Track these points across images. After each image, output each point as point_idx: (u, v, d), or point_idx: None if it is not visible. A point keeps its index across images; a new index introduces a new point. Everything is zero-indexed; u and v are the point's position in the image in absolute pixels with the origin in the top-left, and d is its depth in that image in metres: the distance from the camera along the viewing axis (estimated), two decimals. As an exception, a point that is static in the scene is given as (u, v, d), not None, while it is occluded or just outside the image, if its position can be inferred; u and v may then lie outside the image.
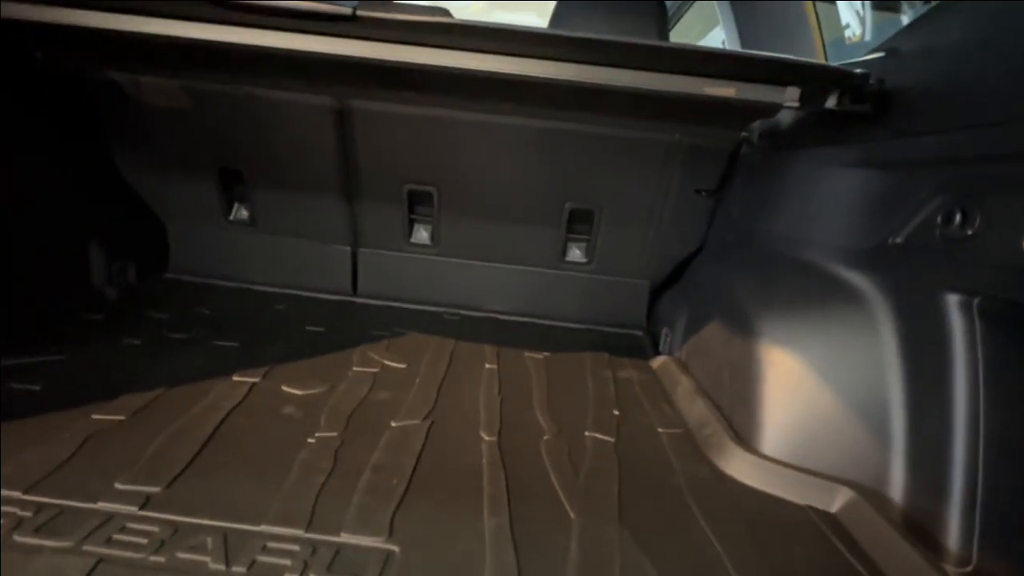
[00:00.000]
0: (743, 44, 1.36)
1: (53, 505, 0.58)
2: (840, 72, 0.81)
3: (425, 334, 1.26)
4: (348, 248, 1.43)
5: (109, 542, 0.54)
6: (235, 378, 0.93)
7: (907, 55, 0.76)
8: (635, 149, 1.17)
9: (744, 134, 1.16)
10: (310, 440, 0.77)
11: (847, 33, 1.43)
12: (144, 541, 0.54)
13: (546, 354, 1.22)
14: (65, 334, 1.03)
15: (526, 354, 1.21)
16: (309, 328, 1.22)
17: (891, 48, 0.79)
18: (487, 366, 1.11)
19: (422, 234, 1.41)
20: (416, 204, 1.37)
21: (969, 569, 0.60)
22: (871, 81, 0.77)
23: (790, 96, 0.84)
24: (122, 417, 0.77)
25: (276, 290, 1.42)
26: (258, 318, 1.25)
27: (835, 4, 1.39)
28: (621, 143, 1.16)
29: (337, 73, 1.05)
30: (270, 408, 0.85)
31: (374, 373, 1.02)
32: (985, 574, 0.59)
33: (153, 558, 0.53)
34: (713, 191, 1.29)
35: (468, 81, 0.94)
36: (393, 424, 0.84)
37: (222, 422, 0.78)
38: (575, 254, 1.42)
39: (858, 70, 0.77)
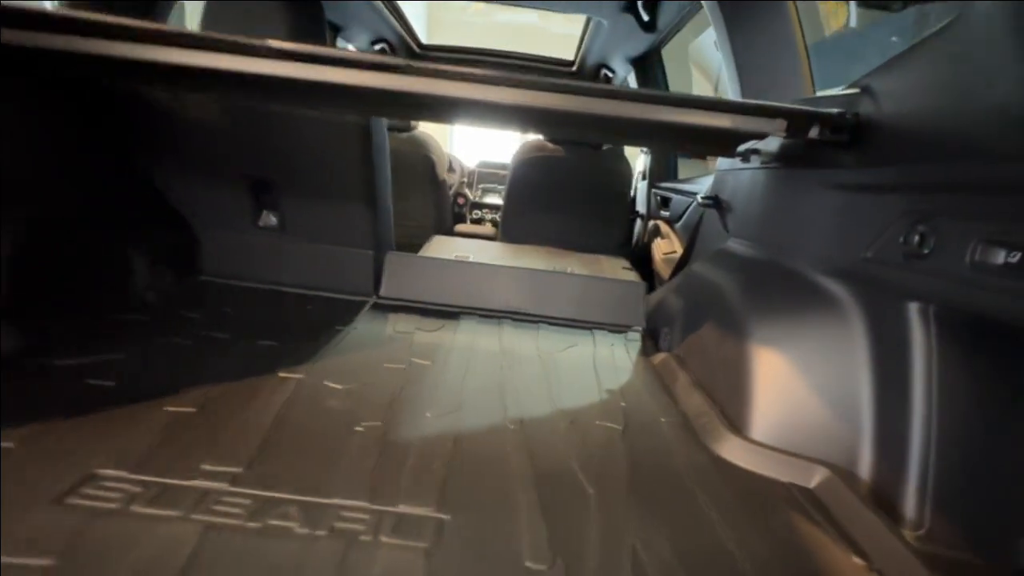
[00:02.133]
0: (732, 48, 1.44)
1: (156, 483, 0.68)
2: (822, 113, 0.92)
3: (444, 332, 1.37)
4: (371, 252, 1.53)
5: (211, 512, 0.64)
6: (281, 374, 1.04)
7: (879, 93, 0.87)
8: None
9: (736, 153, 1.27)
10: (357, 428, 0.88)
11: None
12: (239, 511, 0.65)
13: (555, 351, 1.33)
14: (117, 335, 1.13)
15: (538, 351, 1.32)
16: (338, 327, 1.32)
17: (866, 85, 0.90)
18: (503, 362, 1.23)
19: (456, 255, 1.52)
20: None
21: (922, 532, 0.73)
22: (848, 115, 0.89)
23: (778, 126, 0.95)
24: (192, 409, 0.87)
25: (303, 291, 1.53)
26: (290, 319, 1.36)
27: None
28: None
29: (370, 99, 1.15)
30: (317, 401, 0.96)
31: (403, 369, 1.13)
32: (935, 535, 0.71)
33: (250, 524, 0.63)
34: (711, 200, 1.40)
35: (501, 109, 1.04)
36: (428, 415, 0.95)
37: (279, 413, 0.89)
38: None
39: (835, 110, 0.89)
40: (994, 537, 0.69)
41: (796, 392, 0.91)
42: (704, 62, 2.97)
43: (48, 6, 1.27)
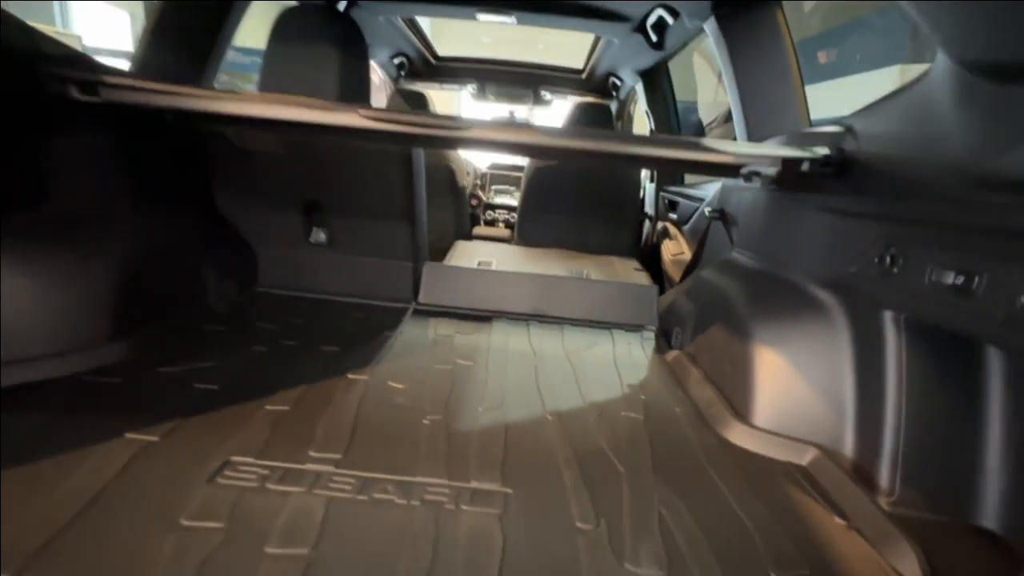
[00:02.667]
0: (735, 73, 1.59)
1: (279, 467, 0.86)
2: (811, 157, 1.09)
3: (480, 335, 1.54)
4: (410, 263, 1.70)
5: (328, 488, 0.82)
6: (349, 376, 1.21)
7: (860, 134, 1.03)
8: None
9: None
10: (424, 421, 1.05)
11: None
12: (348, 488, 0.83)
13: (580, 350, 1.50)
14: (205, 345, 1.30)
15: (564, 350, 1.49)
16: (387, 333, 1.50)
17: (849, 125, 1.06)
18: (536, 362, 1.40)
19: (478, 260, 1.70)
20: None
21: (894, 498, 0.89)
22: (833, 155, 1.04)
23: (775, 161, 1.11)
24: (287, 407, 1.05)
25: (350, 300, 1.70)
26: (344, 325, 1.53)
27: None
28: None
29: (416, 139, 1.31)
30: (386, 399, 1.13)
31: (451, 369, 1.30)
32: (904, 500, 0.88)
33: (360, 497, 0.81)
34: (717, 212, 1.56)
35: (533, 149, 1.21)
36: (479, 409, 1.12)
37: (358, 410, 1.07)
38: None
39: (823, 152, 1.05)
40: (951, 500, 0.86)
41: (791, 385, 1.07)
42: (707, 50, 3.10)
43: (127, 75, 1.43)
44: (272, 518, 0.74)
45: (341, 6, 1.99)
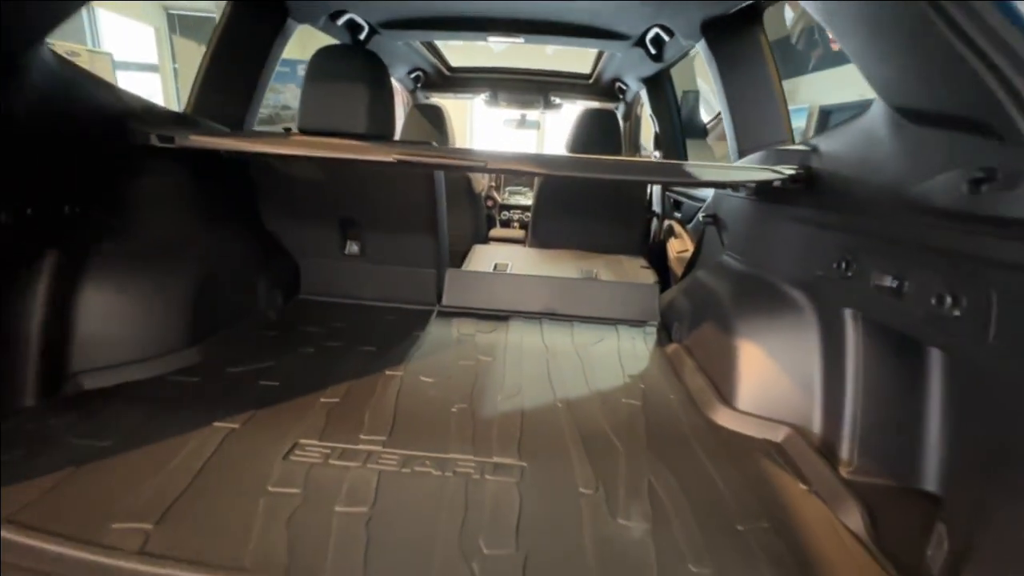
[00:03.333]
0: (724, 87, 1.72)
1: (337, 447, 1.06)
2: (781, 176, 1.24)
3: (498, 334, 1.73)
4: (434, 271, 1.89)
5: (378, 463, 1.01)
6: (387, 372, 1.41)
7: (822, 154, 1.17)
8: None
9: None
10: (452, 410, 1.24)
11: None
12: (394, 462, 1.02)
13: (588, 345, 1.68)
14: (263, 348, 1.52)
15: (574, 345, 1.67)
16: (416, 333, 1.69)
17: (815, 146, 1.20)
18: (548, 357, 1.58)
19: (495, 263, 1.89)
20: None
21: (852, 468, 1.05)
22: (801, 169, 1.19)
23: (752, 178, 1.26)
24: (337, 399, 1.25)
25: (381, 304, 1.90)
26: (378, 327, 1.73)
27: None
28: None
29: (439, 165, 1.50)
30: (418, 392, 1.33)
31: (473, 365, 1.49)
32: (861, 469, 1.04)
33: (404, 470, 1.00)
34: (711, 217, 1.72)
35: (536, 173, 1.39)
36: (499, 398, 1.31)
37: (397, 401, 1.26)
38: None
39: (789, 171, 1.20)
40: (899, 468, 1.02)
41: (769, 373, 1.23)
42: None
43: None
44: (337, 485, 0.94)
45: (363, 35, 2.18)
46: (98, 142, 1.25)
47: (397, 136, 1.86)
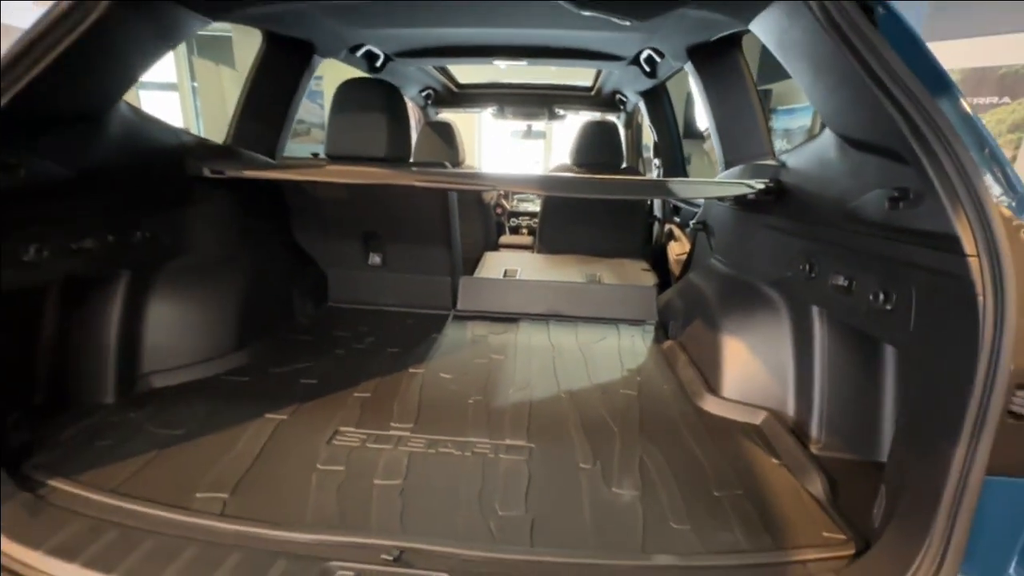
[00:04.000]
0: (710, 105, 1.87)
1: (371, 433, 1.24)
2: (756, 189, 1.40)
3: (509, 335, 1.90)
4: (449, 278, 2.07)
5: (407, 446, 1.19)
6: (410, 370, 1.59)
7: (789, 169, 1.33)
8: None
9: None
10: (469, 401, 1.41)
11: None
12: (421, 444, 1.20)
13: (591, 343, 1.84)
14: (300, 350, 1.70)
15: (578, 344, 1.83)
16: (434, 335, 1.87)
17: (783, 161, 1.36)
18: (554, 355, 1.74)
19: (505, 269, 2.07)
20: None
21: (820, 444, 1.20)
22: (771, 186, 1.35)
23: (731, 192, 1.42)
24: (368, 394, 1.43)
25: (401, 309, 2.09)
26: (400, 330, 1.91)
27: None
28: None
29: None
30: (439, 386, 1.50)
31: (487, 363, 1.66)
32: (827, 445, 1.19)
33: (429, 451, 1.18)
34: (701, 224, 1.88)
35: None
36: (511, 391, 1.48)
37: (421, 394, 1.44)
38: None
39: (760, 184, 1.35)
40: (861, 444, 1.17)
41: (750, 364, 1.39)
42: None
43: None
44: (374, 463, 1.12)
45: (379, 63, 2.38)
46: (161, 176, 1.46)
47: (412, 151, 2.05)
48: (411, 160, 1.98)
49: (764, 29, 1.19)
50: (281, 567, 0.83)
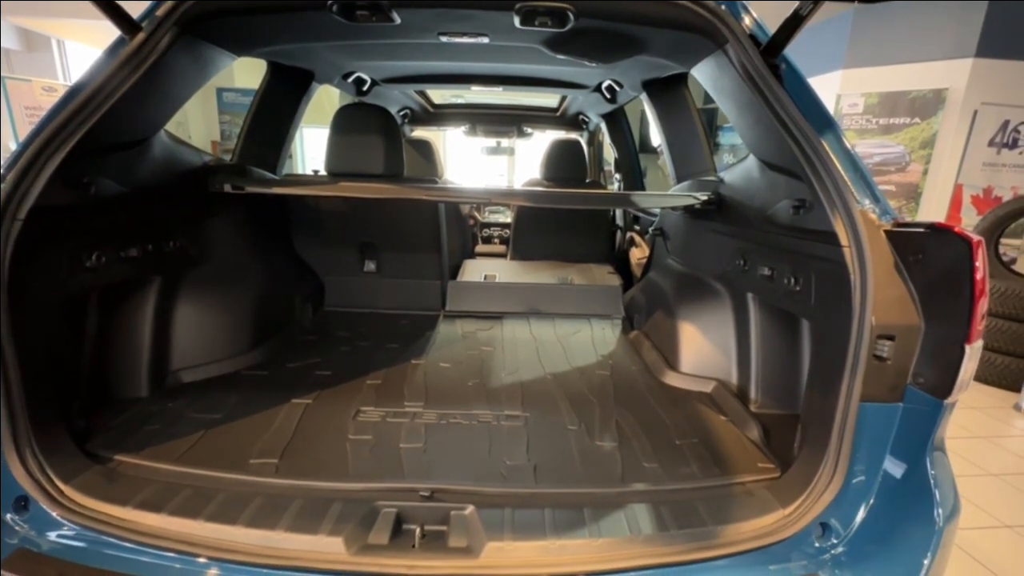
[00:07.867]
0: (663, 128, 2.20)
1: (389, 411, 1.44)
2: (701, 200, 1.70)
3: (495, 330, 2.13)
4: (439, 282, 2.29)
5: (423, 420, 1.40)
6: (413, 361, 1.80)
7: (726, 183, 1.65)
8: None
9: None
10: (469, 384, 1.64)
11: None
12: (433, 417, 1.41)
13: (568, 335, 2.10)
14: (309, 348, 1.88)
15: (556, 336, 2.09)
16: (427, 333, 2.09)
17: (723, 177, 1.68)
18: (537, 345, 1.99)
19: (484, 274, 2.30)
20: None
21: (757, 404, 1.49)
22: (713, 195, 1.66)
23: (681, 203, 1.73)
24: (380, 381, 1.63)
25: (396, 312, 2.29)
26: (396, 330, 2.11)
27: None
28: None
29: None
30: (441, 373, 1.72)
31: (478, 354, 1.89)
32: (762, 404, 1.48)
33: (441, 422, 1.39)
34: (659, 231, 2.18)
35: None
36: (503, 375, 1.71)
37: (425, 380, 1.65)
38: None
39: (704, 195, 1.66)
40: (786, 401, 1.47)
41: (701, 344, 1.68)
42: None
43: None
44: (397, 432, 1.33)
45: (366, 87, 2.59)
46: (188, 192, 1.63)
47: None
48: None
49: (702, 75, 1.50)
50: (337, 508, 1.03)
